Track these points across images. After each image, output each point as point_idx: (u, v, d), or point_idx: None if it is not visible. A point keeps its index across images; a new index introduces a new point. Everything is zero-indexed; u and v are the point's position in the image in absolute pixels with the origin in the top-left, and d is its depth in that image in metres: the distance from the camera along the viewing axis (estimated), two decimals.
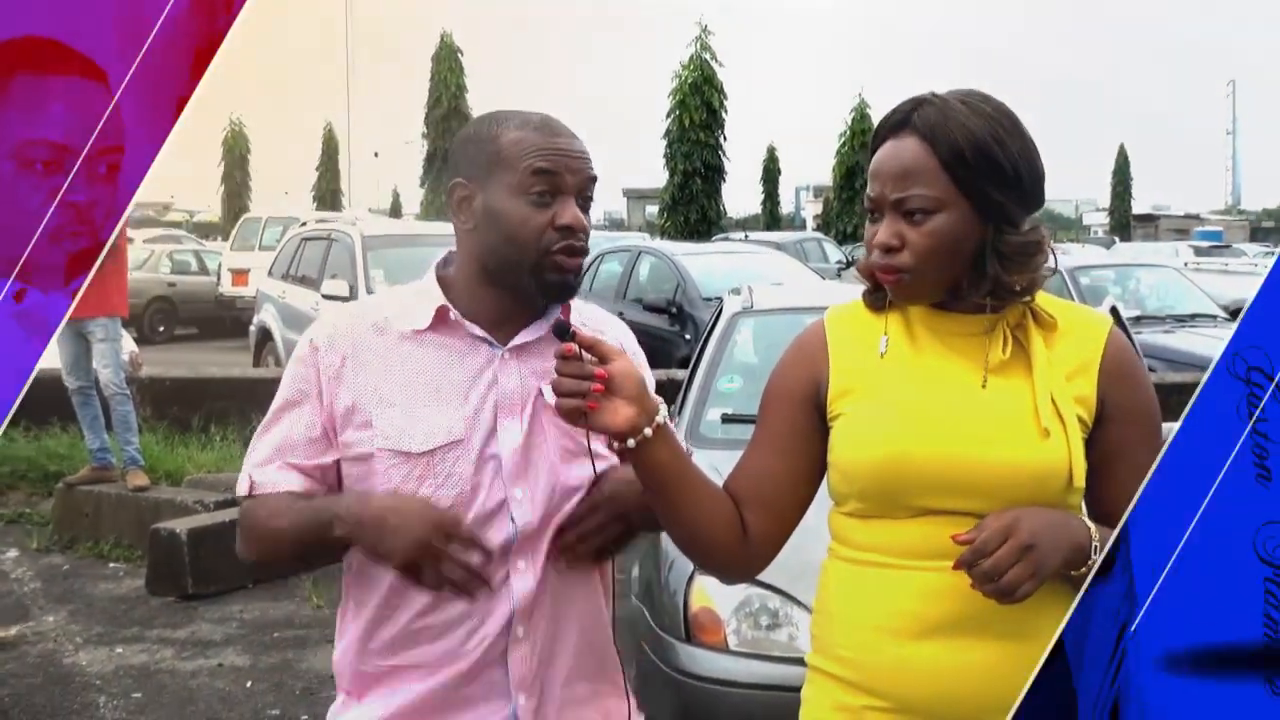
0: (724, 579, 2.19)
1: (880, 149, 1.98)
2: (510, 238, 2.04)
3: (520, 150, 2.04)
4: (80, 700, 5.47)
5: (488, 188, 2.06)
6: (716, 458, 2.12)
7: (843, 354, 2.05)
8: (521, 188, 2.03)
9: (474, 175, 2.08)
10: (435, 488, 2.03)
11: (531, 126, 2.07)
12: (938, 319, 2.01)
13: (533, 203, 2.03)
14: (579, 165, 2.07)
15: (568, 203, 2.05)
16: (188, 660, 5.90)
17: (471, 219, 2.08)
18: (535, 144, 2.05)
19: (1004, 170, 1.92)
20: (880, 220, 1.96)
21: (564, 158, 2.05)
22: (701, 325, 9.23)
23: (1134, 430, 1.99)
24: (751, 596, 3.92)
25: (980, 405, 1.94)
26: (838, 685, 2.00)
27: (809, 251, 23.89)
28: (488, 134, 2.08)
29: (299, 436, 2.09)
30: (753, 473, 2.06)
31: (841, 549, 2.03)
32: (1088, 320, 2.04)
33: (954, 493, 1.91)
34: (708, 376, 5.43)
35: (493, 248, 2.06)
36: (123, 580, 7.22)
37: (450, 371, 2.08)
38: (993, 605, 1.86)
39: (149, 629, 6.38)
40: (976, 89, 1.98)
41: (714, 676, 3.89)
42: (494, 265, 2.07)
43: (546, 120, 2.10)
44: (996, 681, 1.90)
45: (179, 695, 5.50)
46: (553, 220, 2.03)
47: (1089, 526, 1.89)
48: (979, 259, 1.95)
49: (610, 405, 1.89)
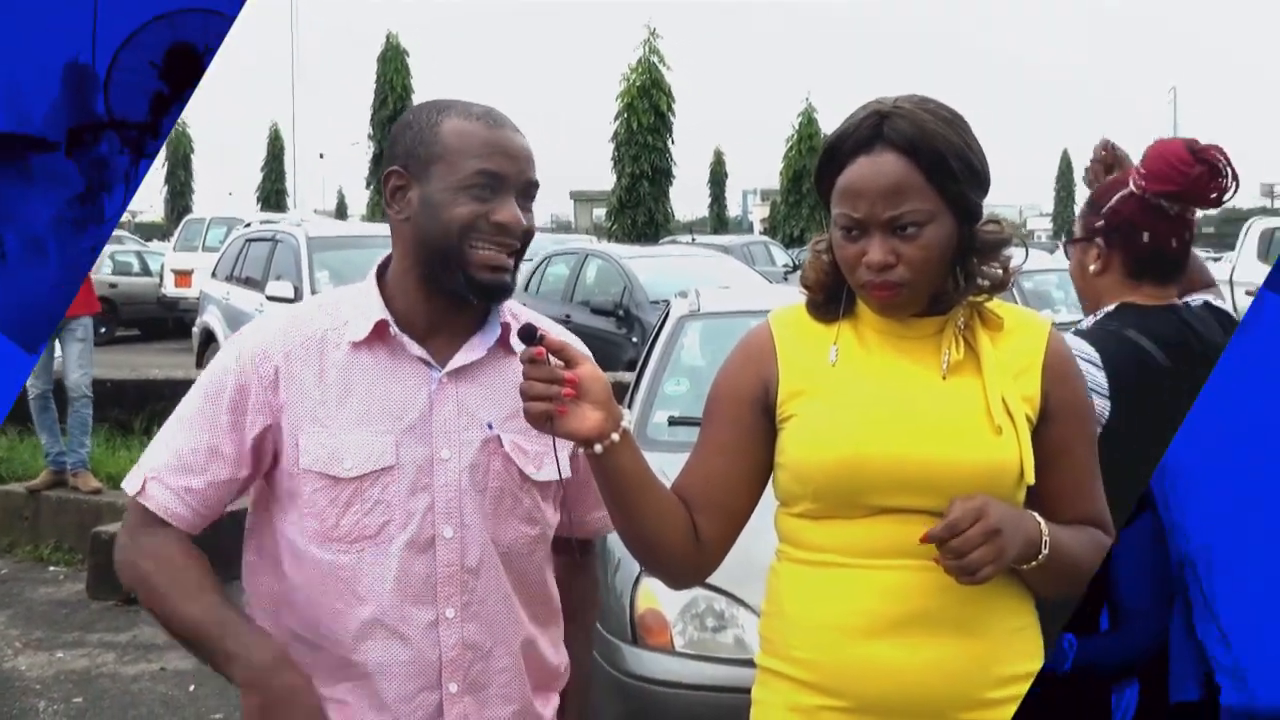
0: (676, 584, 2.18)
1: (853, 167, 1.95)
2: (443, 230, 1.96)
3: (462, 144, 1.98)
4: (19, 705, 5.39)
5: (426, 179, 1.99)
6: (663, 460, 2.12)
7: (792, 355, 2.05)
8: (462, 183, 1.97)
9: (411, 165, 2.01)
10: (362, 514, 1.98)
11: (474, 118, 2.01)
12: (889, 322, 2.02)
13: (474, 197, 1.97)
14: (523, 165, 2.02)
15: (507, 200, 1.99)
16: (130, 664, 5.83)
17: (406, 209, 2.01)
18: (480, 138, 1.99)
19: (977, 172, 1.95)
20: (863, 239, 1.94)
21: (508, 156, 2.00)
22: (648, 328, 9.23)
23: (1074, 427, 2.03)
24: (698, 598, 3.92)
25: (934, 404, 1.96)
26: (792, 686, 2.01)
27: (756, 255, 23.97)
28: (428, 123, 2.01)
29: (202, 448, 1.99)
30: (702, 476, 2.06)
31: (793, 550, 2.03)
32: (1030, 321, 2.07)
33: (910, 491, 1.92)
34: (654, 379, 5.43)
35: (425, 240, 1.98)
36: (63, 584, 7.14)
37: (385, 393, 2.00)
38: (948, 601, 1.90)
39: (90, 633, 6.31)
40: (915, 94, 1.99)
41: (660, 679, 3.88)
42: (426, 258, 2.00)
43: (489, 112, 2.04)
44: (952, 676, 1.93)
45: (121, 700, 5.45)
46: (488, 213, 1.97)
47: (1040, 522, 1.92)
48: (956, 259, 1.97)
49: (578, 410, 1.87)
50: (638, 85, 32.60)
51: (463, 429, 2.03)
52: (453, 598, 2.02)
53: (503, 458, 2.06)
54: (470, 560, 2.03)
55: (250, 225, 15.66)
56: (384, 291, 2.06)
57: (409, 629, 2.00)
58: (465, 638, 2.03)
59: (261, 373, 1.99)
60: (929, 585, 1.89)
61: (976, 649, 1.94)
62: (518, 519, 2.08)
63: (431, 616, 2.01)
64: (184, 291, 20.88)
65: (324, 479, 1.97)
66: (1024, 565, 1.91)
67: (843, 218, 1.96)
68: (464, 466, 2.03)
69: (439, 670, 2.02)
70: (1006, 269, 2.01)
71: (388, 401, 2.00)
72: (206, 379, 2.04)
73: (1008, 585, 1.97)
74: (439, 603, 2.01)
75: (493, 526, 2.05)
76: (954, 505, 1.83)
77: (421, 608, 2.00)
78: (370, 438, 1.98)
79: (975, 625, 1.94)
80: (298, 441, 1.98)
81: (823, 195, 2.02)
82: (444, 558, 2.01)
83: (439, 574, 2.01)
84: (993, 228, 2.00)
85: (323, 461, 1.97)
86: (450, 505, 2.02)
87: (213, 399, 2.01)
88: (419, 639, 2.00)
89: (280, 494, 2.02)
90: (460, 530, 2.02)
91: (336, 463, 1.97)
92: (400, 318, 2.03)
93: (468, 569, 2.03)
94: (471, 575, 2.03)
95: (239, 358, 2.01)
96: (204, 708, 5.28)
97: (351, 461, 1.97)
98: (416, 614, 2.00)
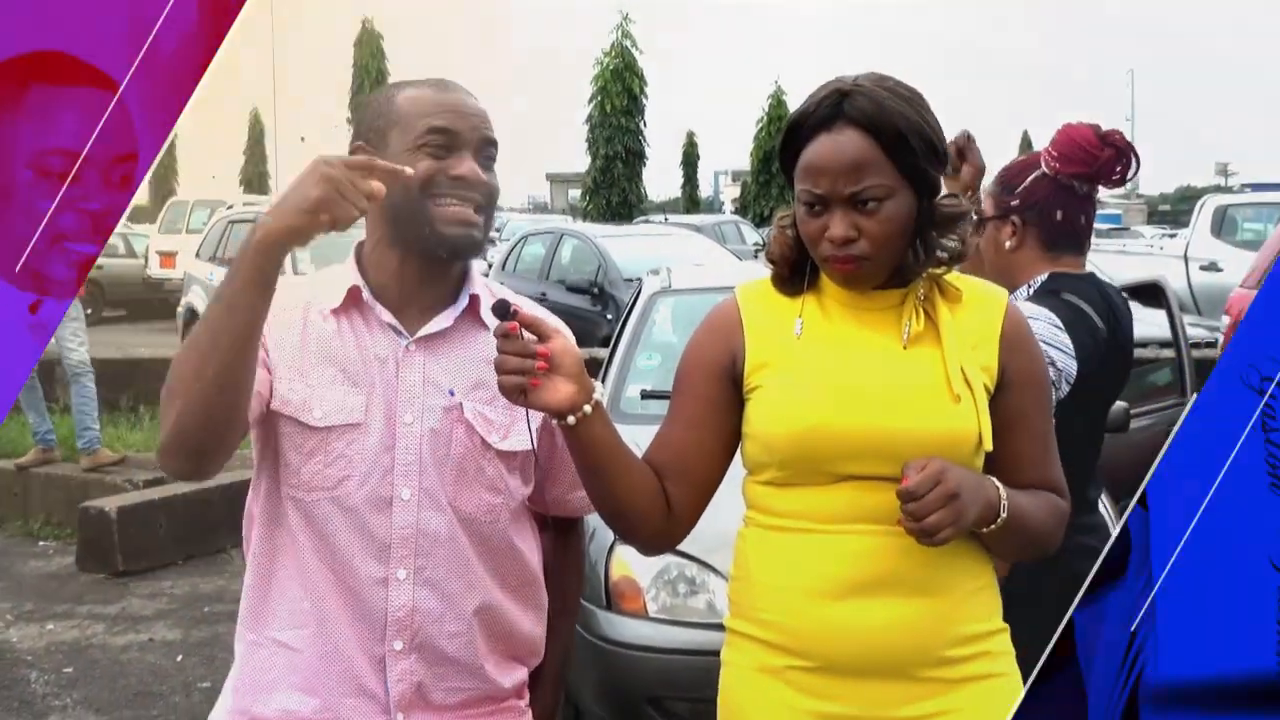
0: (649, 550, 2.18)
1: (814, 143, 1.95)
2: (406, 190, 1.94)
3: (416, 108, 2.00)
4: (11, 676, 5.38)
5: (384, 146, 2.00)
6: (636, 432, 2.13)
7: (758, 328, 2.06)
8: (415, 143, 1.98)
9: (371, 137, 2.03)
10: (323, 465, 1.99)
11: (427, 85, 2.04)
12: (851, 296, 2.03)
13: (429, 155, 1.98)
14: (476, 122, 2.03)
15: (464, 157, 2.00)
16: (119, 635, 5.83)
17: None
18: (431, 100, 2.01)
19: (935, 148, 1.96)
20: (825, 214, 1.95)
21: (459, 114, 2.01)
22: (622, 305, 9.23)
23: (1030, 396, 2.04)
24: (670, 565, 3.94)
25: (896, 374, 1.97)
26: (760, 647, 2.02)
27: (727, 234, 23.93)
28: (385, 97, 2.05)
29: None
30: (673, 446, 2.07)
31: (760, 517, 2.04)
32: (988, 293, 2.08)
33: (873, 459, 1.93)
34: (627, 354, 5.45)
35: (391, 203, 1.93)
36: (53, 558, 7.12)
37: (356, 355, 2.03)
38: (909, 564, 1.91)
39: (80, 605, 6.29)
40: (875, 73, 1.99)
41: (634, 642, 3.91)
42: (393, 221, 2.01)
43: (441, 80, 2.06)
44: (914, 636, 1.94)
45: (110, 670, 5.44)
46: (446, 170, 1.98)
47: (998, 487, 1.93)
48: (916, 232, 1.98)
49: (551, 383, 1.88)
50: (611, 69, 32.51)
51: (426, 395, 2.04)
52: (405, 559, 2.03)
53: (465, 426, 2.07)
54: (427, 524, 2.04)
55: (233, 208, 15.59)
56: (360, 264, 2.08)
57: (357, 583, 2.02)
58: (415, 601, 2.04)
59: None
60: (891, 549, 1.91)
61: (937, 609, 1.96)
62: (481, 487, 2.09)
63: (381, 574, 2.02)
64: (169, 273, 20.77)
65: (293, 424, 2.00)
66: (983, 528, 1.92)
67: (805, 193, 1.97)
68: (424, 431, 2.04)
69: (384, 627, 2.03)
70: (965, 242, 2.02)
71: (358, 363, 2.03)
72: None
73: (967, 548, 1.98)
74: (391, 563, 2.02)
75: (454, 493, 2.06)
76: (908, 469, 1.85)
77: (371, 564, 2.02)
78: (342, 394, 2.01)
79: (936, 586, 1.95)
80: (276, 387, 2.00)
81: (786, 172, 2.02)
82: (400, 519, 2.02)
83: (394, 535, 2.02)
84: (951, 202, 2.01)
85: (294, 407, 2.00)
86: (409, 468, 2.02)
87: None
88: (367, 594, 2.02)
89: (262, 444, 2.06)
90: (418, 494, 2.03)
91: (307, 411, 1.99)
92: (375, 288, 2.05)
93: (424, 533, 2.04)
94: (428, 540, 2.04)
95: None
96: (191, 676, 5.28)
97: (321, 412, 2.00)
98: (365, 569, 2.02)
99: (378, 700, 2.05)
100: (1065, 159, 2.74)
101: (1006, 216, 2.80)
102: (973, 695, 1.98)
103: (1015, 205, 2.79)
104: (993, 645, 2.02)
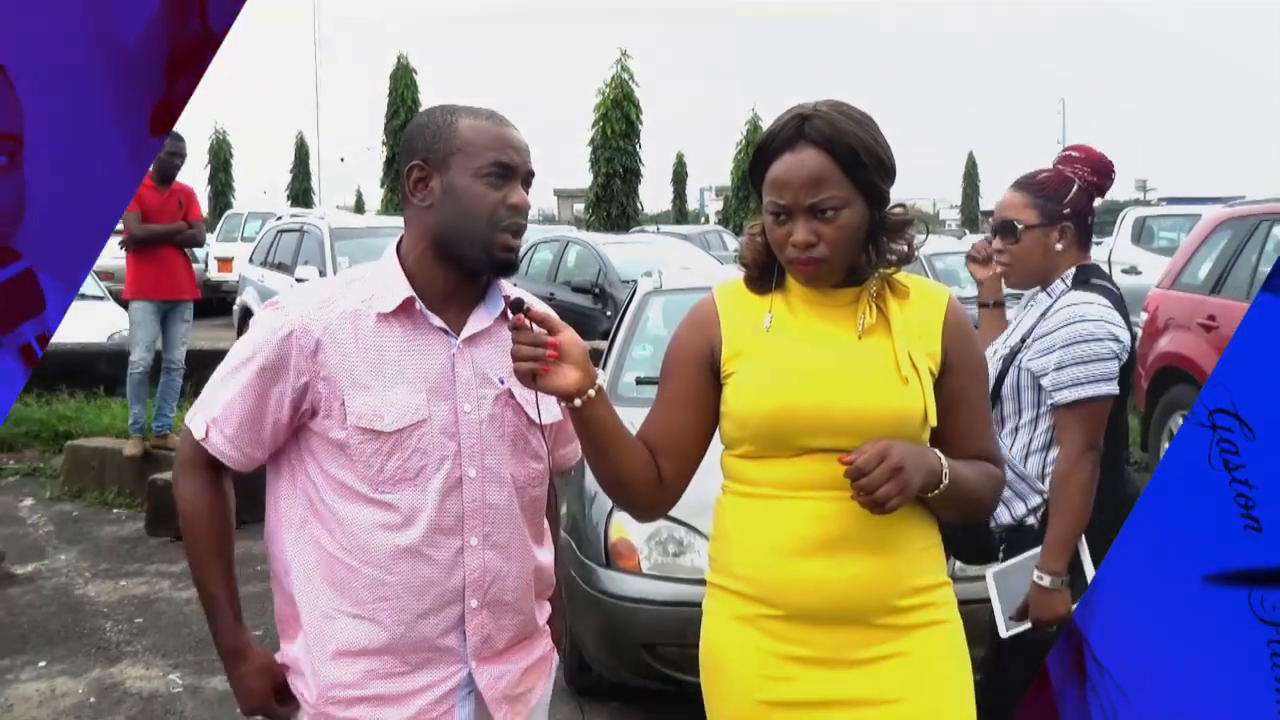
0: (643, 517, 2.18)
1: (779, 161, 1.96)
2: (468, 213, 1.97)
3: (479, 138, 1.99)
4: (89, 625, 5.39)
5: (447, 170, 1.99)
6: (632, 414, 2.12)
7: (732, 322, 2.06)
8: (480, 171, 1.98)
9: (432, 158, 2.00)
10: (403, 460, 1.98)
11: (483, 117, 2.02)
12: (813, 293, 2.03)
13: (490, 184, 1.98)
14: (526, 157, 2.04)
15: (516, 186, 2.01)
16: (182, 590, 5.81)
17: (429, 197, 2.00)
18: (492, 134, 2.00)
19: (885, 164, 1.96)
20: (789, 222, 1.95)
21: (516, 150, 2.02)
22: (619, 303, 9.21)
23: (968, 378, 2.04)
24: (661, 529, 3.95)
25: (852, 361, 1.97)
26: (736, 598, 2.02)
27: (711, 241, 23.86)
28: (444, 123, 2.01)
29: (249, 407, 1.99)
30: (662, 425, 2.07)
31: (735, 485, 2.05)
32: (931, 290, 2.08)
33: (832, 434, 1.93)
34: (624, 346, 5.44)
35: (449, 222, 1.99)
36: (125, 524, 7.11)
37: (414, 358, 2.01)
38: (864, 526, 1.91)
39: (148, 564, 6.29)
40: (832, 99, 2.00)
41: (630, 596, 3.92)
42: (448, 239, 2.00)
43: (494, 113, 2.05)
44: (869, 588, 1.95)
45: (174, 619, 5.45)
46: (504, 199, 1.99)
47: (940, 457, 1.94)
48: (869, 238, 1.98)
49: (560, 370, 1.89)
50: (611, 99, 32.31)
51: (479, 385, 2.04)
52: (476, 529, 2.03)
53: (514, 407, 2.08)
54: (491, 496, 2.05)
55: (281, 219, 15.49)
56: (404, 269, 2.05)
57: (439, 554, 2.01)
58: (485, 563, 2.05)
59: (303, 344, 1.97)
60: (849, 512, 1.91)
61: (890, 565, 1.97)
62: (529, 457, 2.11)
63: (458, 544, 2.02)
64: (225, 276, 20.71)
65: (368, 433, 1.97)
66: (928, 494, 1.93)
67: (772, 205, 1.98)
68: (483, 417, 2.04)
69: (463, 589, 2.03)
70: (910, 245, 2.03)
71: (418, 365, 2.01)
72: (256, 339, 2.01)
73: (915, 512, 1.99)
74: (465, 533, 2.02)
75: (511, 465, 2.07)
76: (862, 449, 1.85)
77: (450, 537, 2.02)
78: (405, 396, 1.99)
79: (888, 545, 1.96)
80: (344, 402, 1.97)
81: (755, 186, 2.03)
82: (469, 495, 2.02)
83: (466, 509, 2.02)
84: (899, 210, 2.02)
85: (366, 419, 1.97)
86: (473, 450, 2.03)
87: (261, 359, 1.99)
88: (447, 563, 2.02)
89: (325, 445, 2.01)
90: (482, 471, 2.04)
91: (378, 419, 1.97)
92: (421, 293, 2.03)
93: (489, 504, 2.04)
94: (492, 509, 2.05)
95: (281, 329, 1.98)
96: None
97: (391, 417, 1.97)
98: (446, 542, 2.02)
99: (455, 654, 2.05)
100: (1097, 174, 2.93)
101: (1056, 224, 2.91)
102: (920, 639, 1.99)
103: (1066, 214, 2.90)
104: (937, 596, 2.02)
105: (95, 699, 4.60)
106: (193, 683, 4.74)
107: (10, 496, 7.75)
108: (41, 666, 4.93)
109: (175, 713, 4.47)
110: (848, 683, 1.96)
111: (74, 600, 5.75)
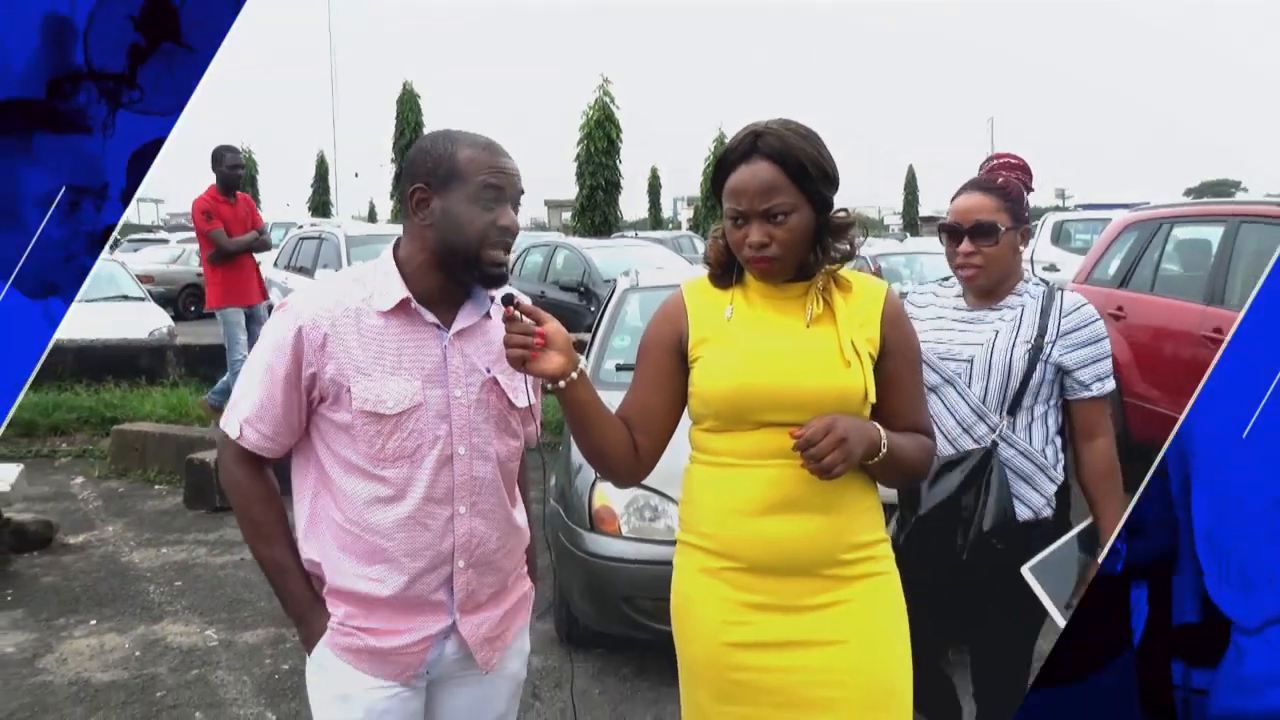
0: (621, 484, 2.20)
1: (736, 173, 1.97)
2: (464, 234, 1.98)
3: (475, 166, 1.98)
4: (134, 589, 5.38)
5: (446, 194, 1.98)
6: (613, 396, 2.14)
7: (698, 313, 2.07)
8: (475, 196, 1.97)
9: (432, 183, 2.00)
10: (403, 439, 1.99)
11: (481, 147, 2.01)
12: (768, 288, 2.04)
13: (483, 207, 1.98)
14: (516, 181, 2.03)
15: (507, 209, 2.01)
16: (218, 556, 5.81)
17: (429, 217, 2.00)
18: (486, 162, 1.99)
19: (828, 174, 1.97)
20: (745, 226, 1.97)
21: (507, 175, 2.01)
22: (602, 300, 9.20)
23: (903, 361, 2.05)
24: (638, 496, 3.96)
25: (801, 346, 1.98)
26: (702, 554, 2.04)
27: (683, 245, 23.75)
28: (444, 150, 2.00)
29: (277, 403, 2.00)
30: (637, 404, 2.08)
31: (701, 455, 2.06)
32: (871, 284, 2.09)
33: (784, 410, 1.95)
34: (605, 336, 5.44)
35: (446, 241, 1.99)
36: (165, 499, 7.08)
37: (410, 349, 2.01)
38: (812, 489, 1.93)
39: (187, 534, 6.27)
40: (782, 118, 2.00)
41: (611, 556, 3.93)
42: (444, 255, 2.00)
43: (490, 142, 2.05)
44: (817, 544, 1.97)
45: (211, 583, 5.44)
46: (495, 220, 1.99)
47: (879, 429, 1.95)
48: (815, 239, 1.99)
49: (546, 355, 1.90)
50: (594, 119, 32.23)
51: (468, 374, 2.05)
52: (464, 499, 2.04)
53: (498, 393, 2.08)
54: (477, 470, 2.05)
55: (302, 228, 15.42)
56: (401, 272, 2.05)
57: (433, 522, 2.02)
58: (472, 528, 2.06)
59: (312, 338, 1.97)
60: (800, 478, 1.93)
61: (835, 523, 1.98)
62: (509, 435, 2.12)
63: (449, 513, 2.03)
64: None
65: (371, 416, 1.97)
66: (869, 461, 1.94)
67: (730, 210, 1.99)
68: (471, 401, 2.05)
69: (452, 552, 2.04)
70: (852, 245, 2.04)
71: (414, 356, 2.01)
72: (272, 341, 2.01)
73: (857, 477, 2.01)
74: (455, 503, 2.04)
75: (495, 443, 2.08)
76: (810, 423, 1.87)
77: (442, 506, 2.03)
78: (403, 383, 1.99)
79: (834, 506, 1.98)
80: (349, 389, 1.97)
81: (716, 194, 2.04)
82: (459, 470, 2.03)
83: (456, 482, 2.03)
84: (842, 214, 2.03)
85: (370, 403, 1.97)
86: (463, 430, 2.03)
87: (279, 359, 1.99)
88: (439, 529, 2.03)
89: (332, 427, 2.01)
90: (470, 448, 2.04)
91: (381, 404, 1.97)
92: (415, 294, 2.03)
93: (475, 477, 2.05)
94: (478, 481, 2.06)
95: (292, 328, 1.99)
96: None
97: (392, 402, 1.98)
98: (439, 511, 2.03)
99: (444, 607, 2.07)
100: (1028, 179, 2.75)
101: (1021, 225, 2.71)
102: (862, 589, 2.01)
103: (1026, 217, 2.73)
104: (876, 551, 2.04)
105: (140, 652, 4.59)
106: (226, 638, 4.73)
107: (63, 475, 7.70)
108: (92, 624, 4.91)
109: (211, 664, 4.46)
110: (799, 626, 1.98)
111: (120, 566, 5.72)
